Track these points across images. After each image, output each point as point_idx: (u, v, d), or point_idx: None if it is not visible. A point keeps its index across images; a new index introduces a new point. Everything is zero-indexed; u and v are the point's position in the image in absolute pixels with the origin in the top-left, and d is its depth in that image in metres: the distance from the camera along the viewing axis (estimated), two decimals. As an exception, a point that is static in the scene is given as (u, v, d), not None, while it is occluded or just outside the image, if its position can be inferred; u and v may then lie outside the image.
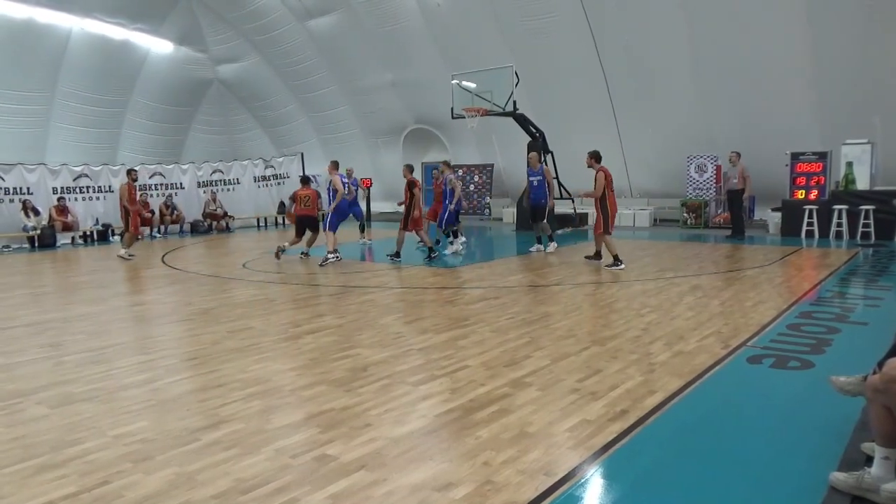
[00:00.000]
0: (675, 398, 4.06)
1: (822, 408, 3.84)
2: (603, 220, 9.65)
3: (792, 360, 4.81)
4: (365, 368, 4.83)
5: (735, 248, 11.96)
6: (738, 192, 13.53)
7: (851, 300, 7.34)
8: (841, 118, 14.00)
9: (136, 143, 22.02)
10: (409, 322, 6.40)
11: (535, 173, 12.00)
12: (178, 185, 19.12)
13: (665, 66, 15.61)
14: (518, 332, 5.88)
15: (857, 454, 3.16)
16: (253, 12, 20.83)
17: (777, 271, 9.16)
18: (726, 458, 3.22)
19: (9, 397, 4.35)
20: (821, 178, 13.82)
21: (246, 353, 5.36)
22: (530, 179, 12.12)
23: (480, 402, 4.04)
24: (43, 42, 18.16)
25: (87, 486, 3.01)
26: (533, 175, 12.03)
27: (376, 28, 19.57)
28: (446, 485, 2.96)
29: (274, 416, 3.89)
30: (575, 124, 17.40)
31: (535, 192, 11.91)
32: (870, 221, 12.60)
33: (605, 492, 2.95)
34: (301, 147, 23.62)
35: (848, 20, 13.13)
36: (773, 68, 14.28)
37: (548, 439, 3.46)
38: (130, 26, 20.11)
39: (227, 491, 2.94)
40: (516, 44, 17.32)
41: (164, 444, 3.49)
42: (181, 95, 22.76)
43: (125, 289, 8.93)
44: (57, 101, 19.28)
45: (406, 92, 21.04)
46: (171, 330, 6.52)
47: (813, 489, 2.85)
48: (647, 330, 5.84)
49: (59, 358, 5.34)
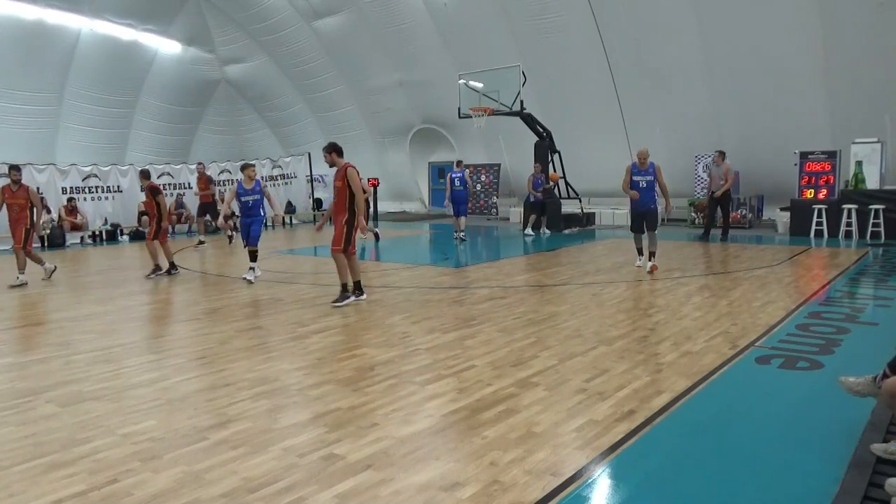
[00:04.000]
0: (682, 399, 4.04)
1: (831, 409, 3.82)
2: (346, 234, 7.23)
3: (801, 361, 4.78)
4: (372, 368, 4.83)
5: (743, 248, 11.90)
6: (726, 193, 13.24)
7: (861, 300, 7.29)
8: (851, 117, 13.92)
9: (145, 143, 22.16)
10: (416, 322, 6.40)
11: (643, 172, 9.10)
12: (186, 185, 19.20)
13: (673, 65, 15.55)
14: (525, 331, 5.87)
15: (867, 455, 3.13)
16: (260, 13, 20.91)
17: (786, 271, 9.10)
18: (734, 459, 3.20)
19: (19, 396, 4.38)
20: (830, 177, 13.73)
21: (253, 352, 5.38)
22: (635, 179, 9.10)
23: (487, 401, 4.04)
24: (52, 43, 18.30)
25: (95, 485, 3.03)
26: (641, 175, 9.10)
27: (383, 28, 19.60)
28: (453, 484, 2.96)
29: (281, 415, 3.90)
30: (582, 124, 17.38)
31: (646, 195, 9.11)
32: (879, 221, 12.51)
33: (612, 492, 2.95)
34: (308, 147, 23.66)
35: (859, 18, 13.04)
36: (782, 67, 14.20)
37: (555, 439, 3.45)
38: (139, 27, 20.25)
39: (234, 490, 2.95)
40: (523, 43, 17.30)
41: (172, 442, 3.51)
42: (189, 96, 22.88)
43: (133, 288, 8.97)
44: (66, 101, 19.44)
45: (413, 92, 21.06)
46: (179, 329, 6.55)
47: (822, 490, 2.83)
48: (654, 330, 5.82)
49: (69, 357, 5.37)
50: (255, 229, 9.26)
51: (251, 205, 9.29)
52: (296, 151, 23.57)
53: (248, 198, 9.28)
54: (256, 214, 9.37)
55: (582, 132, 17.43)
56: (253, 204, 9.31)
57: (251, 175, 9.37)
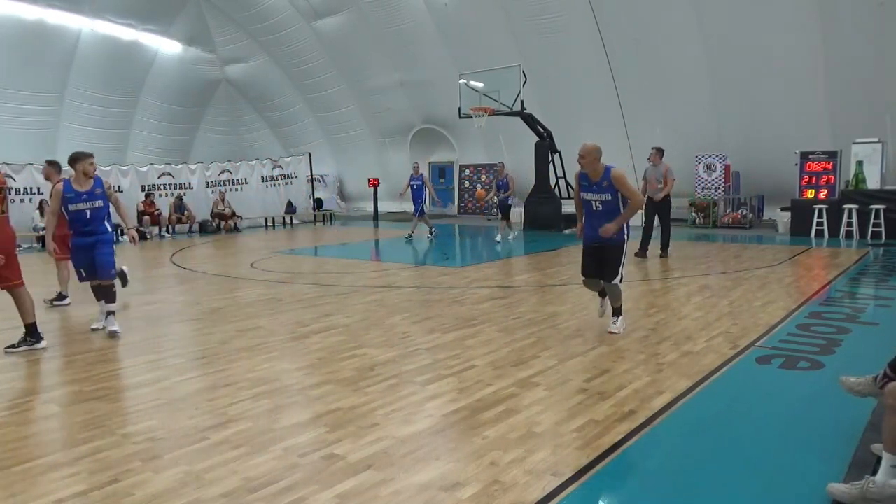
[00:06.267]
0: (683, 399, 4.04)
1: (831, 409, 3.82)
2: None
3: (801, 361, 4.78)
4: (372, 368, 4.84)
5: (743, 248, 11.90)
6: (665, 199, 10.45)
7: (862, 300, 7.29)
8: (851, 117, 13.90)
9: (145, 143, 22.17)
10: (417, 322, 6.40)
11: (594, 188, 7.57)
12: (186, 185, 19.22)
13: (674, 64, 15.54)
14: (525, 331, 5.87)
15: (867, 455, 3.13)
16: (261, 13, 20.92)
17: (786, 271, 9.10)
18: (735, 459, 3.20)
19: (20, 396, 4.38)
20: (831, 177, 13.72)
21: (254, 352, 5.38)
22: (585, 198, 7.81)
23: (487, 401, 4.04)
24: (53, 43, 18.31)
25: (96, 485, 3.03)
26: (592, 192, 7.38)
27: (384, 28, 19.60)
28: (453, 484, 2.96)
29: (282, 415, 3.90)
30: (583, 123, 17.36)
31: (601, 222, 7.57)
32: (880, 221, 12.50)
33: (612, 492, 2.95)
34: (308, 147, 23.70)
35: (859, 18, 13.03)
36: (783, 67, 14.19)
37: (555, 439, 3.45)
38: (140, 27, 20.26)
39: (235, 489, 2.95)
40: (524, 43, 17.29)
41: (172, 442, 3.51)
42: (190, 96, 22.89)
43: (134, 288, 8.97)
44: (66, 101, 19.45)
45: (413, 92, 21.06)
46: (179, 329, 6.56)
47: (823, 491, 2.83)
48: (654, 330, 5.82)
49: (69, 357, 5.37)
50: (103, 254, 6.07)
51: (89, 216, 5.97)
52: (296, 151, 23.59)
53: (82, 206, 5.91)
54: (101, 231, 6.10)
55: (582, 132, 17.32)
56: (93, 215, 5.98)
57: (87, 171, 5.90)
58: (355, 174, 24.57)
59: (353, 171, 24.65)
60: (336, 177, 25.53)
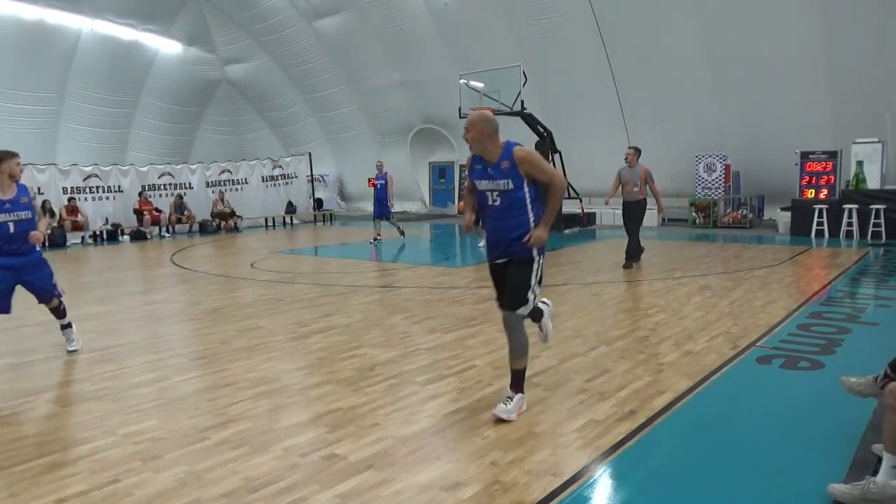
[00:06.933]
0: (683, 398, 4.04)
1: (832, 409, 3.81)
2: None
3: (802, 361, 4.78)
4: (372, 368, 4.83)
5: (744, 248, 11.89)
6: (640, 204, 9.41)
7: (862, 300, 7.29)
8: (852, 117, 13.91)
9: (145, 143, 22.19)
10: (417, 322, 6.40)
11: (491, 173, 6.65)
12: (186, 184, 19.22)
13: (674, 64, 15.54)
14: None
15: (868, 456, 3.13)
16: (261, 13, 20.92)
17: (787, 271, 9.10)
18: (736, 459, 3.20)
19: (20, 396, 4.38)
20: (831, 177, 13.73)
21: (254, 352, 5.37)
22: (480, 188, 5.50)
23: (488, 401, 4.04)
24: (53, 43, 18.31)
25: (96, 484, 3.03)
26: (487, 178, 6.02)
27: (384, 28, 19.60)
28: (454, 484, 2.96)
29: (282, 415, 3.90)
30: (583, 123, 17.37)
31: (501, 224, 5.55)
32: (880, 221, 12.50)
33: (613, 492, 2.94)
34: (309, 147, 23.70)
35: (860, 18, 13.03)
36: (784, 66, 14.20)
37: (555, 439, 3.45)
38: (140, 27, 20.27)
39: (235, 490, 2.95)
40: (524, 43, 17.29)
41: (173, 442, 3.51)
42: (190, 96, 22.90)
43: (134, 288, 8.98)
44: (67, 101, 19.46)
45: (413, 92, 21.06)
46: (179, 329, 6.55)
47: (823, 491, 2.82)
48: (655, 330, 5.82)
49: (69, 357, 5.37)
50: (40, 279, 5.32)
51: (14, 231, 5.01)
52: (296, 151, 23.60)
53: (3, 217, 4.98)
54: (27, 251, 5.18)
55: (582, 132, 17.42)
56: (18, 229, 5.03)
57: (14, 172, 5.06)
58: (355, 174, 24.56)
59: (353, 171, 24.64)
60: (336, 177, 25.54)
